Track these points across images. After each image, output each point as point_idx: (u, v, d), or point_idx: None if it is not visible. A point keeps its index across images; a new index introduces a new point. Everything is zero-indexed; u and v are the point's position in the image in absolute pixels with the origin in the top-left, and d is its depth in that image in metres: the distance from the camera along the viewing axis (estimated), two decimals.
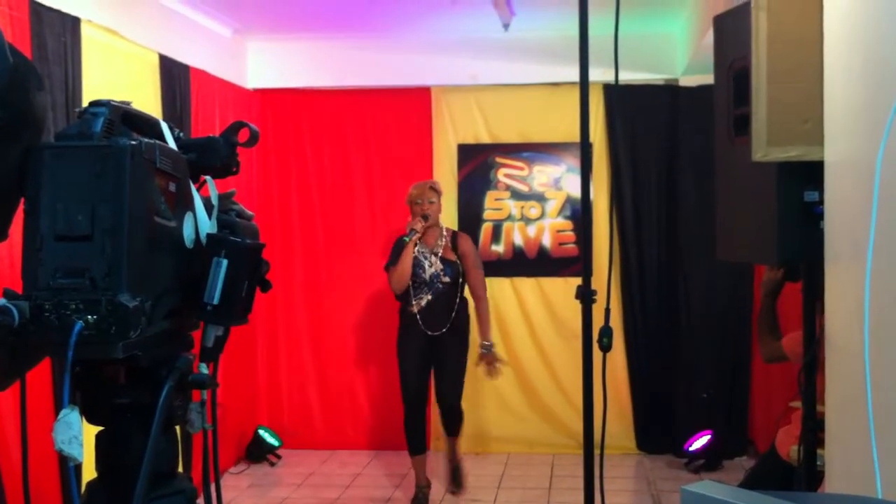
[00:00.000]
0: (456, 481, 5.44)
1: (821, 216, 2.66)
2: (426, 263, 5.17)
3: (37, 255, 1.19)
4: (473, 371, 5.57)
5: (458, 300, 5.24)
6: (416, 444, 5.28)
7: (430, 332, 5.17)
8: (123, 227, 1.19)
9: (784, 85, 2.68)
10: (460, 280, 5.25)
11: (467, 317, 5.35)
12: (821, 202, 2.68)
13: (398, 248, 5.16)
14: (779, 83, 2.68)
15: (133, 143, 1.22)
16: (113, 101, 1.29)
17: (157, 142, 1.30)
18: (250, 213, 1.55)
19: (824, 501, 1.34)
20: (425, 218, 5.13)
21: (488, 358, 5.24)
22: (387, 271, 5.23)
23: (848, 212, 2.36)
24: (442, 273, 5.17)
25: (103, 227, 1.18)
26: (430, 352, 5.23)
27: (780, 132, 2.69)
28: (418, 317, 5.17)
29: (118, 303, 1.16)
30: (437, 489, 5.49)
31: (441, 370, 5.27)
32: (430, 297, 5.17)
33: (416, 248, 5.17)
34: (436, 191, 5.26)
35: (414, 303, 5.18)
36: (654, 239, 6.36)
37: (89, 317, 1.15)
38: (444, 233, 5.29)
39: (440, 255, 5.20)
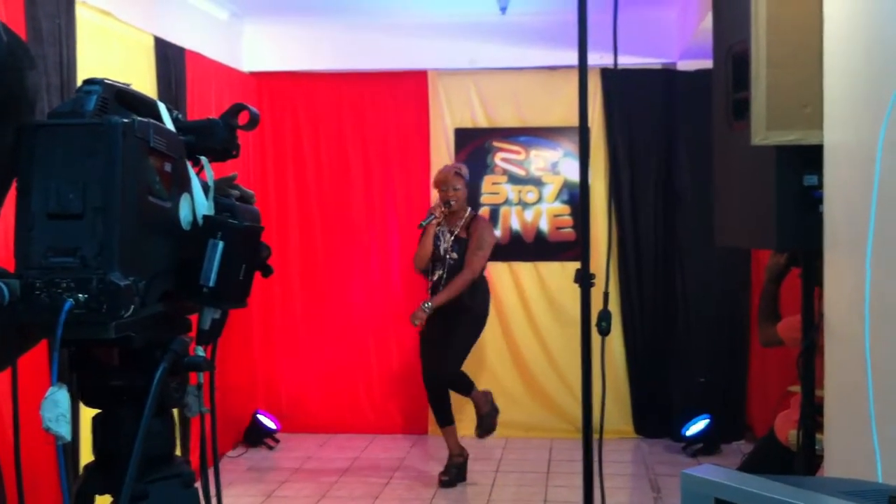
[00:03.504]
0: (482, 426, 5.56)
1: (820, 200, 2.65)
2: (442, 240, 5.54)
3: (28, 234, 1.18)
4: (475, 354, 5.62)
5: None
6: (438, 416, 5.51)
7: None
8: (115, 205, 1.17)
9: (784, 69, 2.66)
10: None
11: (478, 295, 5.56)
12: (820, 186, 2.66)
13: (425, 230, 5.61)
14: (778, 67, 2.66)
15: (126, 121, 1.20)
16: (107, 79, 1.27)
17: (152, 121, 1.28)
18: (251, 192, 1.53)
19: (823, 485, 1.34)
20: (447, 205, 5.47)
21: (418, 314, 5.40)
22: None
23: (847, 196, 2.35)
24: (451, 249, 5.50)
25: (95, 206, 1.16)
26: (438, 324, 5.48)
27: (779, 116, 2.67)
28: (430, 290, 5.52)
29: (109, 281, 1.15)
30: (435, 471, 5.50)
31: (438, 340, 5.47)
32: (442, 271, 5.51)
33: (438, 228, 5.56)
34: (461, 176, 5.54)
35: (430, 277, 5.56)
36: (652, 224, 6.36)
37: (80, 295, 1.14)
38: (467, 214, 5.59)
39: (455, 233, 5.53)
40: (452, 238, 5.51)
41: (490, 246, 5.54)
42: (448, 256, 5.48)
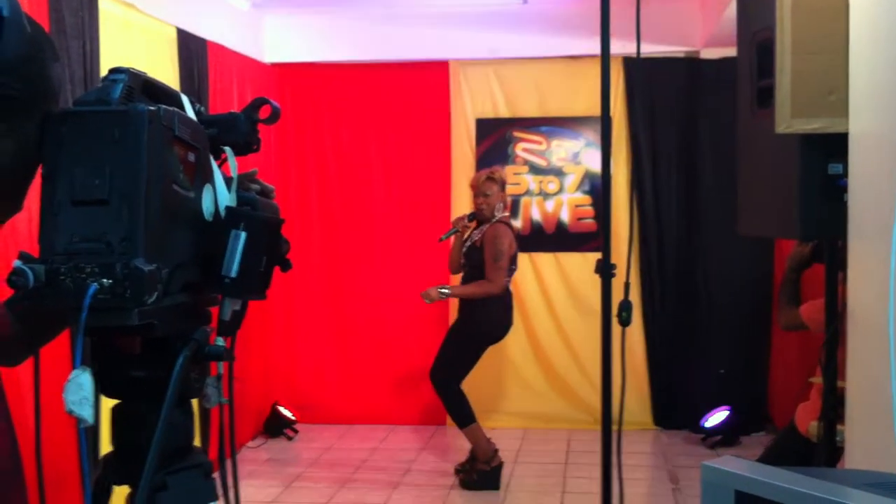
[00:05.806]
0: (467, 476, 5.23)
1: (845, 189, 2.63)
2: (465, 245, 5.36)
3: (53, 220, 1.18)
4: (494, 350, 5.54)
5: None
6: (452, 417, 5.28)
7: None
8: (140, 192, 1.18)
9: (809, 56, 2.64)
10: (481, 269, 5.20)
11: (484, 308, 5.24)
12: (845, 175, 2.64)
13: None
14: (803, 54, 2.64)
15: (151, 108, 1.21)
16: (133, 68, 1.28)
17: (177, 110, 1.29)
18: (271, 186, 1.54)
19: (844, 477, 1.33)
20: (471, 217, 5.32)
21: (430, 292, 5.21)
22: None
23: (873, 185, 2.32)
24: (464, 257, 5.34)
25: (120, 192, 1.17)
26: (451, 327, 5.55)
27: (804, 104, 2.65)
28: None
29: (134, 266, 1.15)
30: (453, 462, 5.50)
31: (444, 341, 5.45)
32: (461, 274, 5.42)
33: (470, 231, 5.37)
34: (493, 181, 5.25)
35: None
36: (674, 214, 6.33)
37: (104, 280, 1.15)
38: (494, 220, 5.23)
39: (474, 239, 5.28)
40: (469, 244, 5.28)
41: (505, 254, 5.15)
42: (464, 263, 5.31)
